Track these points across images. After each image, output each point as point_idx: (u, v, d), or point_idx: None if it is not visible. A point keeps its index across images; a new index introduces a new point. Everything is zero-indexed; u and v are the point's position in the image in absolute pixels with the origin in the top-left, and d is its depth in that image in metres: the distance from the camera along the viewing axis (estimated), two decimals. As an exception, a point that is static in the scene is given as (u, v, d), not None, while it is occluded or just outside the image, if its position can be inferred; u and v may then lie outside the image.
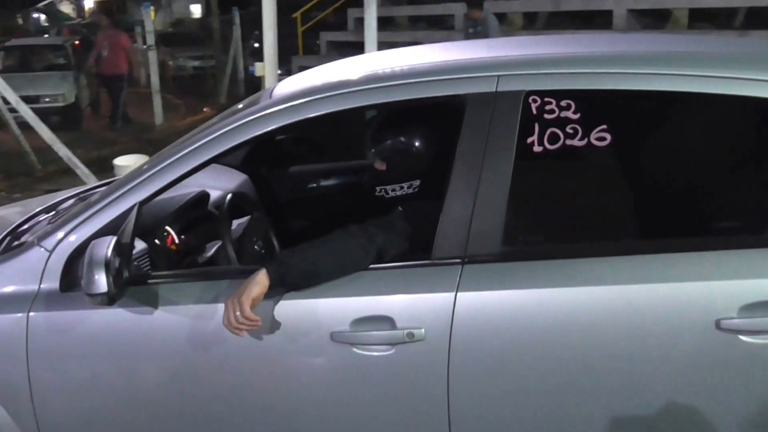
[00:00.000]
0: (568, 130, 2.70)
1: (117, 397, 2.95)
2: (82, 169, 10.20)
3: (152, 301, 2.85)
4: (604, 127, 2.69)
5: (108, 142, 13.77)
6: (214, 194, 3.99)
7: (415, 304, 2.71)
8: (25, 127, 10.93)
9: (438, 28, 16.83)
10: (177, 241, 3.49)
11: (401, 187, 3.01)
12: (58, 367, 2.95)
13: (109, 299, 2.67)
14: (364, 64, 3.37)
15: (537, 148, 2.71)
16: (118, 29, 16.31)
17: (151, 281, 2.92)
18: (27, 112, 10.44)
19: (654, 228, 2.82)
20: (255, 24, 8.62)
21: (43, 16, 45.13)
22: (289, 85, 3.29)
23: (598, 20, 13.45)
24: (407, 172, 3.01)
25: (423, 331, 2.67)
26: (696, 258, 2.63)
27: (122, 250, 2.73)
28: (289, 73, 4.02)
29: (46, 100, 15.42)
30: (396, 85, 2.89)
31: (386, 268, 2.79)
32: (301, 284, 2.75)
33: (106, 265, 2.61)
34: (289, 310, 2.76)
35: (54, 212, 3.68)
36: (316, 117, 2.88)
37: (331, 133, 4.66)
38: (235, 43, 21.18)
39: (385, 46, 9.53)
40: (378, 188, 3.06)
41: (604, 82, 2.74)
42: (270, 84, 7.58)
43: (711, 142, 2.82)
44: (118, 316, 2.85)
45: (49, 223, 3.31)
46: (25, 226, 3.57)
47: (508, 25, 15.08)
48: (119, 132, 14.96)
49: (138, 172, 3.00)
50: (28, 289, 2.95)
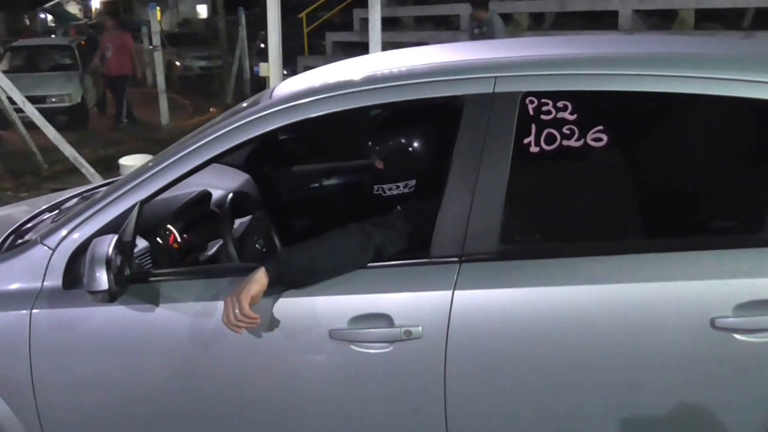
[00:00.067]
0: (565, 130, 2.71)
1: (118, 393, 2.97)
2: (87, 169, 10.22)
3: (153, 299, 2.87)
4: (601, 127, 2.70)
5: (114, 141, 13.81)
6: (217, 193, 4.00)
7: (412, 302, 2.72)
8: (32, 127, 10.96)
9: (443, 28, 16.83)
10: (179, 240, 3.51)
11: (397, 187, 3.03)
12: (60, 364, 2.97)
13: (110, 296, 2.69)
14: (364, 65, 3.39)
15: (534, 149, 2.73)
16: (122, 30, 16.33)
17: (152, 279, 2.95)
18: (33, 112, 10.46)
19: (650, 227, 2.85)
20: (261, 24, 8.64)
21: (50, 17, 45.30)
22: (289, 86, 3.31)
23: (605, 21, 13.44)
24: (404, 172, 3.03)
25: (420, 329, 2.69)
26: (691, 257, 2.65)
27: (124, 248, 2.76)
28: (294, 74, 4.05)
29: (53, 100, 15.52)
30: (394, 86, 2.90)
31: (384, 266, 2.80)
32: (300, 282, 2.77)
33: (107, 263, 2.63)
34: (288, 308, 2.78)
35: (57, 211, 3.71)
36: (315, 117, 2.90)
37: (334, 133, 4.69)
38: (241, 44, 21.20)
39: (391, 47, 9.57)
40: (376, 187, 3.08)
41: (601, 84, 2.76)
42: (275, 84, 7.61)
43: (705, 143, 2.84)
44: (120, 313, 2.87)
45: (52, 222, 3.34)
46: (29, 225, 3.59)
47: (514, 26, 15.07)
48: (125, 132, 15.00)
49: (139, 172, 3.02)
50: (31, 287, 2.97)
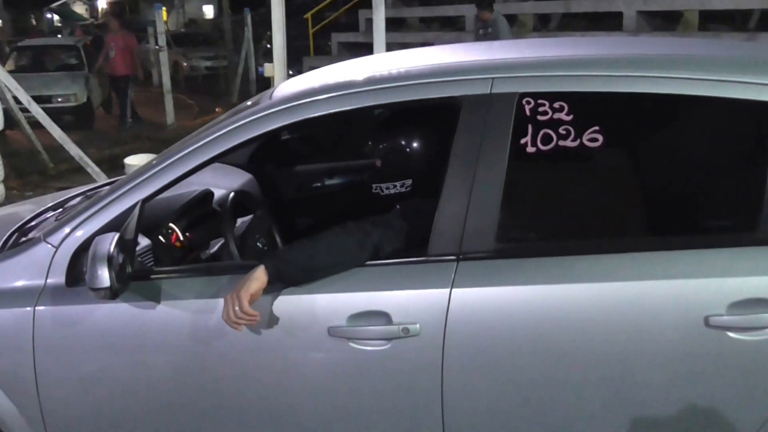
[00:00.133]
0: (561, 131, 2.74)
1: (120, 389, 3.00)
2: (93, 168, 10.26)
3: (155, 296, 2.91)
4: (597, 128, 2.72)
5: (119, 141, 13.85)
6: (219, 193, 4.03)
7: (410, 300, 2.75)
8: (37, 127, 10.99)
9: (449, 29, 16.86)
10: (182, 239, 3.55)
11: (394, 186, 3.07)
12: (63, 360, 3.00)
13: (112, 293, 2.72)
14: (364, 66, 3.41)
15: (530, 149, 2.75)
16: (126, 30, 16.33)
17: (153, 276, 2.98)
18: (38, 112, 10.50)
19: (645, 226, 2.87)
20: (267, 25, 8.68)
21: (56, 17, 45.37)
22: (289, 87, 3.33)
23: (610, 22, 13.46)
24: (401, 171, 3.07)
25: (418, 326, 2.72)
26: (685, 256, 2.67)
27: (125, 245, 2.79)
28: (299, 74, 4.07)
29: (59, 100, 15.59)
30: (393, 87, 2.93)
31: (383, 264, 2.82)
32: (299, 280, 2.79)
33: (109, 260, 2.66)
34: (288, 305, 2.81)
35: (61, 209, 3.74)
36: (314, 118, 2.93)
37: (336, 133, 4.72)
38: (247, 44, 21.23)
39: (396, 47, 9.58)
40: (374, 186, 3.12)
41: (597, 85, 2.78)
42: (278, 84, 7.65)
43: (699, 143, 2.86)
44: (122, 310, 2.90)
45: (56, 220, 3.36)
46: (33, 223, 3.62)
47: (519, 27, 15.10)
48: (130, 132, 15.02)
49: (141, 171, 3.05)
50: (34, 284, 3.00)
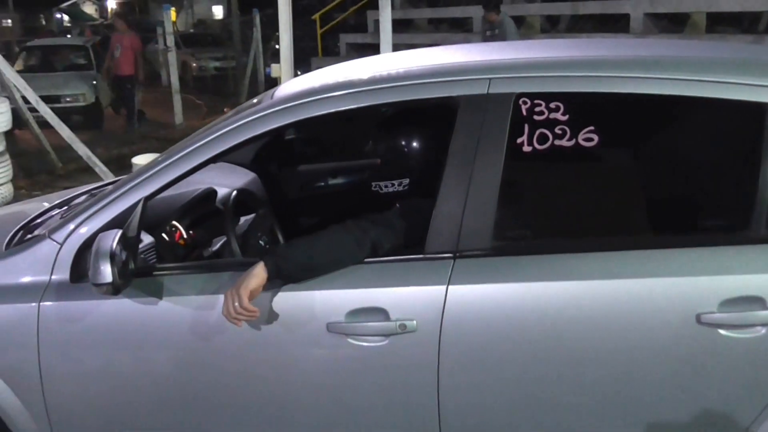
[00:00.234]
0: (557, 131, 2.77)
1: (123, 383, 3.04)
2: (100, 168, 10.30)
3: (157, 292, 2.95)
4: (592, 128, 2.76)
5: (127, 141, 13.90)
6: (223, 191, 4.07)
7: (408, 297, 2.79)
8: (46, 126, 11.04)
9: (456, 30, 16.87)
10: (185, 236, 3.59)
11: (393, 184, 3.11)
12: (67, 355, 3.04)
13: (114, 289, 2.77)
14: (365, 66, 3.45)
15: (526, 148, 2.79)
16: (132, 31, 16.34)
17: (156, 273, 3.02)
18: (46, 111, 10.53)
19: (639, 225, 2.91)
20: (276, 25, 8.71)
21: (66, 17, 45.49)
22: (291, 87, 3.37)
23: (617, 24, 13.46)
24: (399, 170, 3.11)
25: (415, 322, 2.75)
26: (678, 254, 2.71)
27: (128, 242, 2.84)
28: (307, 75, 4.10)
29: (68, 100, 15.64)
30: (392, 87, 2.97)
31: (381, 261, 2.86)
32: (298, 277, 2.83)
33: (111, 257, 2.71)
34: (287, 302, 2.85)
35: (66, 207, 3.78)
36: (314, 117, 2.97)
37: (340, 132, 4.75)
38: (255, 45, 21.27)
39: (404, 48, 9.55)
40: (374, 184, 3.16)
41: (592, 85, 2.82)
42: (282, 85, 7.70)
43: (691, 142, 2.89)
44: (125, 306, 2.94)
45: (61, 218, 3.41)
46: (39, 221, 3.66)
47: (527, 28, 15.11)
48: (138, 132, 15.06)
49: (144, 170, 3.09)
50: (39, 280, 3.04)
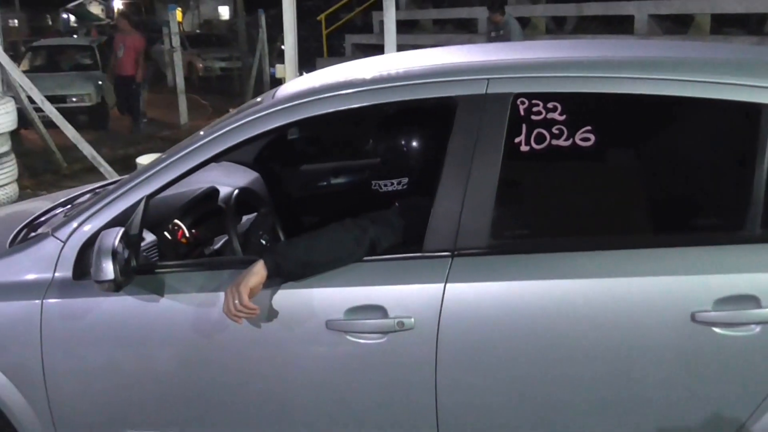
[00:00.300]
0: (554, 130, 2.80)
1: (125, 379, 3.08)
2: (105, 168, 10.33)
3: (159, 290, 2.98)
4: (589, 128, 2.78)
5: (133, 141, 13.94)
6: (225, 190, 4.10)
7: (406, 295, 2.81)
8: (51, 126, 11.06)
9: (461, 31, 16.90)
10: (188, 235, 3.62)
11: (392, 183, 3.14)
12: (70, 352, 3.07)
13: (116, 286, 2.80)
14: (365, 66, 3.48)
15: (524, 148, 2.81)
16: (135, 31, 16.32)
17: (157, 270, 3.05)
18: (52, 111, 10.56)
19: (635, 225, 2.93)
20: (282, 26, 8.72)
21: (72, 17, 45.56)
22: (292, 87, 3.41)
23: (622, 25, 13.47)
24: (398, 169, 3.14)
25: (413, 320, 2.78)
26: (673, 253, 2.73)
27: (130, 240, 2.87)
28: (311, 75, 4.12)
29: (73, 100, 15.66)
30: (392, 87, 3.00)
31: (379, 259, 2.89)
32: (297, 274, 2.86)
33: (113, 254, 2.74)
34: (287, 299, 2.88)
35: (70, 206, 3.82)
36: (314, 117, 3.00)
37: (343, 132, 4.78)
38: (261, 45, 21.30)
39: (409, 49, 9.61)
40: (374, 183, 3.19)
41: (589, 86, 2.84)
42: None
43: (687, 142, 2.91)
44: (127, 303, 2.98)
45: (64, 216, 3.43)
46: (42, 219, 3.70)
47: (532, 29, 15.13)
48: (144, 132, 15.10)
49: (146, 169, 3.13)
50: (42, 277, 3.08)
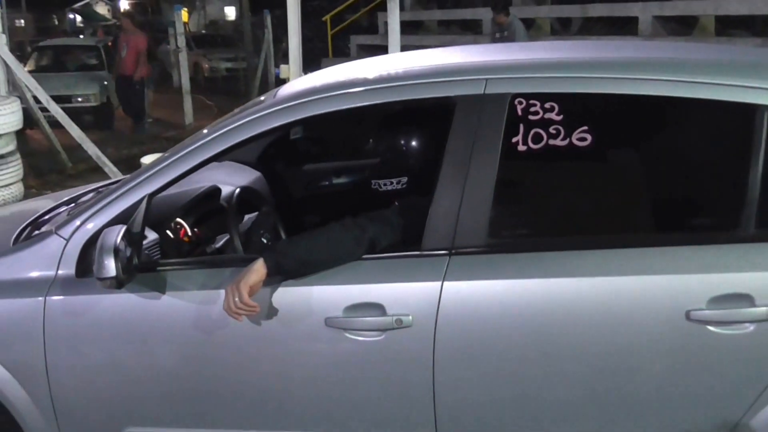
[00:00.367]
0: (551, 130, 2.82)
1: (126, 376, 3.10)
2: (110, 168, 10.37)
3: (160, 287, 3.01)
4: (586, 128, 2.80)
5: (137, 141, 13.97)
6: (227, 189, 4.13)
7: (404, 292, 2.84)
8: (57, 126, 11.11)
9: (466, 32, 16.92)
10: (190, 233, 3.65)
11: (391, 183, 3.17)
12: (72, 348, 3.10)
13: (118, 283, 2.83)
14: (366, 66, 3.52)
15: (521, 148, 2.84)
16: (139, 31, 16.32)
17: (159, 268, 3.08)
18: (57, 111, 10.61)
19: (630, 224, 2.95)
20: (287, 26, 8.74)
21: (78, 17, 45.64)
22: (293, 86, 3.44)
23: (626, 26, 13.48)
24: (397, 169, 3.17)
25: (411, 317, 2.81)
26: (668, 252, 2.75)
27: (132, 238, 2.90)
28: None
29: (79, 100, 15.69)
30: (391, 87, 3.03)
31: (378, 258, 2.92)
32: (297, 273, 2.89)
33: (115, 252, 2.77)
34: (286, 297, 2.91)
35: (73, 204, 3.85)
36: (314, 116, 3.04)
37: (345, 132, 4.81)
38: (267, 45, 21.32)
39: (413, 49, 9.64)
40: (373, 182, 3.22)
41: (585, 86, 2.87)
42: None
43: (682, 142, 2.94)
44: (129, 300, 3.01)
45: (67, 214, 3.46)
46: (46, 217, 3.74)
47: (536, 31, 15.15)
48: (148, 132, 15.15)
49: (148, 167, 3.16)
50: (46, 275, 3.11)
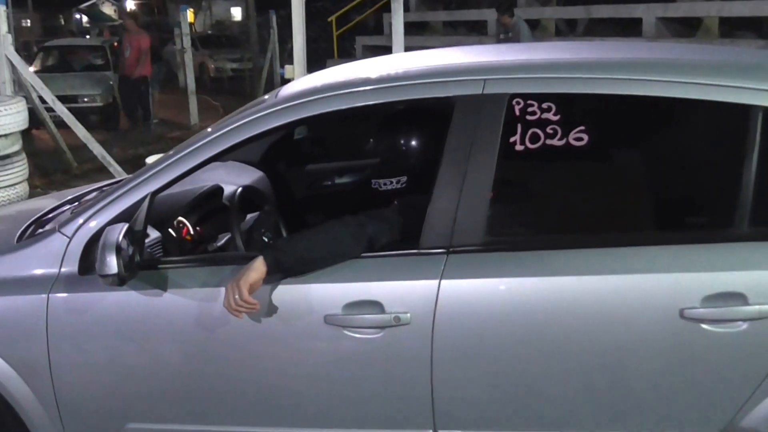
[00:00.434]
0: (549, 130, 2.85)
1: (129, 372, 3.14)
2: (115, 168, 10.42)
3: (162, 285, 3.04)
4: (582, 128, 2.83)
5: (143, 141, 14.02)
6: (230, 188, 4.15)
7: (402, 290, 2.87)
8: (62, 126, 11.15)
9: (471, 33, 16.94)
10: (192, 232, 3.68)
11: (391, 182, 3.20)
12: (75, 345, 3.13)
13: (120, 280, 2.86)
14: (366, 67, 3.54)
15: (519, 147, 2.86)
16: (142, 31, 16.32)
17: (161, 266, 3.11)
18: (63, 111, 10.66)
19: (626, 223, 2.98)
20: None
21: (84, 17, 45.74)
22: (295, 86, 3.47)
23: (631, 28, 13.50)
24: (397, 168, 3.20)
25: (409, 315, 2.84)
26: (663, 251, 2.78)
27: (135, 236, 2.93)
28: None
29: (85, 100, 15.74)
30: (391, 87, 3.06)
31: (377, 256, 2.95)
32: (296, 270, 2.92)
33: (117, 249, 2.80)
34: (286, 294, 2.94)
35: (77, 203, 3.88)
36: (315, 116, 3.07)
37: (346, 132, 4.83)
38: (272, 46, 21.36)
39: (418, 50, 9.66)
40: (374, 181, 3.26)
41: (582, 87, 2.90)
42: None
43: (677, 142, 2.98)
44: (131, 297, 3.04)
45: (71, 213, 3.49)
46: (50, 215, 3.77)
47: (541, 31, 15.17)
48: (154, 132, 15.20)
49: (151, 167, 3.19)
50: (49, 272, 3.14)
